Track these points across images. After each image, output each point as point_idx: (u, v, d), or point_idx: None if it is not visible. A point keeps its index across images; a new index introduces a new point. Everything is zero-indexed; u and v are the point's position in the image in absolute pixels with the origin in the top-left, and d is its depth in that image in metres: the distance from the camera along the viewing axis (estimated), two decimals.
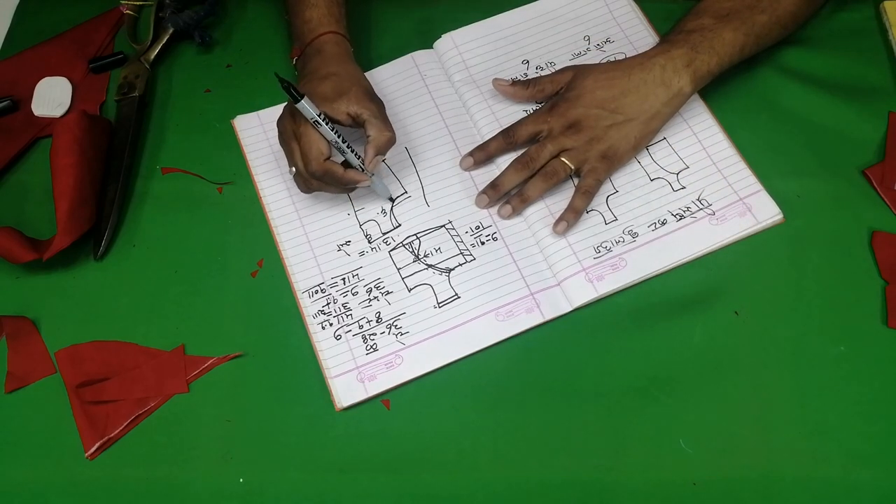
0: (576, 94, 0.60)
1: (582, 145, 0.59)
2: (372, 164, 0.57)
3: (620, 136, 0.59)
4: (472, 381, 0.55)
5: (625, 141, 0.59)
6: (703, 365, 0.55)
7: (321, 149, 0.56)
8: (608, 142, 0.59)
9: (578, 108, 0.59)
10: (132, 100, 0.68)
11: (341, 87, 0.57)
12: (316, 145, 0.56)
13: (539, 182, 0.60)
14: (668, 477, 0.51)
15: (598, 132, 0.59)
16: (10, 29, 0.75)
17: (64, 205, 0.59)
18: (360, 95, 0.57)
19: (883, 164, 0.61)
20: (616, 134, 0.59)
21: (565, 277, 0.58)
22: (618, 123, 0.59)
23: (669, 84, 0.59)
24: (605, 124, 0.59)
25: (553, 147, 0.60)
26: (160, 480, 0.53)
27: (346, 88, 0.57)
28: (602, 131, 0.59)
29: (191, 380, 0.56)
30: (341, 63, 0.60)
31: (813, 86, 0.65)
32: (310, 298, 0.59)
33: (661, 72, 0.59)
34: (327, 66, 0.60)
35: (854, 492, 0.50)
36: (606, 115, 0.59)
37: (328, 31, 0.62)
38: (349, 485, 0.52)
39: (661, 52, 0.60)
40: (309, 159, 0.56)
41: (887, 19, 0.67)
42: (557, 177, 0.60)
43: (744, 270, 0.58)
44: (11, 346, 0.58)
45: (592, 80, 0.60)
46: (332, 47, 0.62)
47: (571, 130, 0.59)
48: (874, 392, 0.53)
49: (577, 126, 0.59)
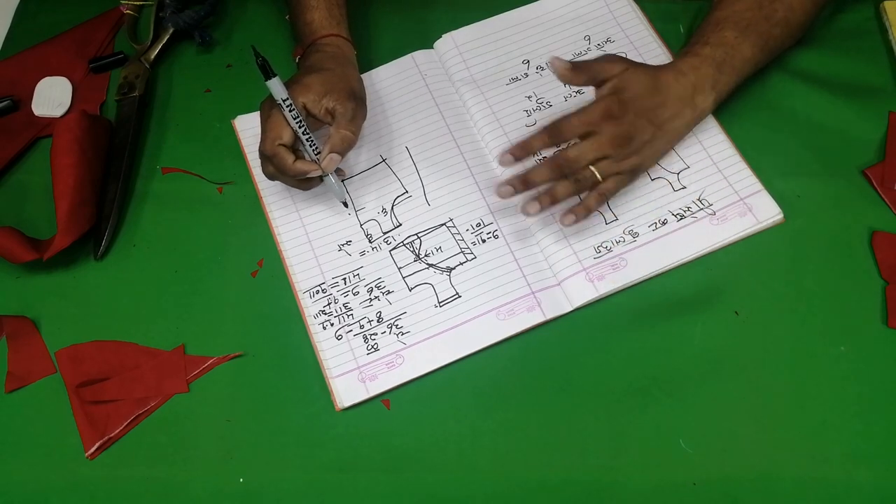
0: (629, 98, 0.56)
1: (620, 158, 0.57)
2: (325, 161, 0.57)
3: (651, 153, 0.59)
4: (472, 381, 0.55)
5: (651, 157, 0.60)
6: (703, 365, 0.55)
7: (279, 132, 0.56)
8: (641, 157, 0.58)
9: (630, 114, 0.56)
10: (132, 100, 0.68)
11: (329, 83, 0.58)
12: (276, 127, 0.56)
13: (570, 187, 0.57)
14: (668, 477, 0.51)
15: (637, 146, 0.57)
16: (10, 29, 0.75)
17: (64, 205, 0.59)
18: (344, 94, 0.58)
19: (883, 164, 0.61)
20: (649, 149, 0.58)
21: (566, 277, 0.58)
22: (655, 138, 0.58)
23: (696, 106, 0.59)
24: (645, 139, 0.57)
25: (595, 154, 0.56)
26: (160, 480, 0.53)
27: (333, 85, 0.58)
28: (640, 145, 0.57)
29: (191, 380, 0.56)
30: (337, 63, 0.61)
31: (813, 86, 0.65)
32: (310, 298, 0.59)
33: (692, 91, 0.58)
34: (324, 62, 0.60)
35: (854, 492, 0.50)
36: (647, 127, 0.57)
37: (329, 33, 0.63)
38: (349, 485, 0.52)
39: (691, 68, 0.59)
40: (265, 138, 0.57)
41: (887, 19, 0.67)
42: (586, 185, 0.57)
43: (744, 270, 0.58)
44: (11, 346, 0.58)
45: (637, 85, 0.56)
46: (332, 49, 0.62)
47: (620, 140, 0.56)
48: (874, 392, 0.53)
49: (627, 137, 0.56)
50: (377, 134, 0.66)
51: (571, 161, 0.56)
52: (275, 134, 0.56)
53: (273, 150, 0.56)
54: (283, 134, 0.56)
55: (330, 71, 0.59)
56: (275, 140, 0.56)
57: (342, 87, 0.58)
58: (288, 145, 0.57)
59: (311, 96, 0.57)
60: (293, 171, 0.57)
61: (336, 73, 0.59)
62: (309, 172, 0.57)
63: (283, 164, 0.56)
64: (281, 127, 0.56)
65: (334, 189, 0.60)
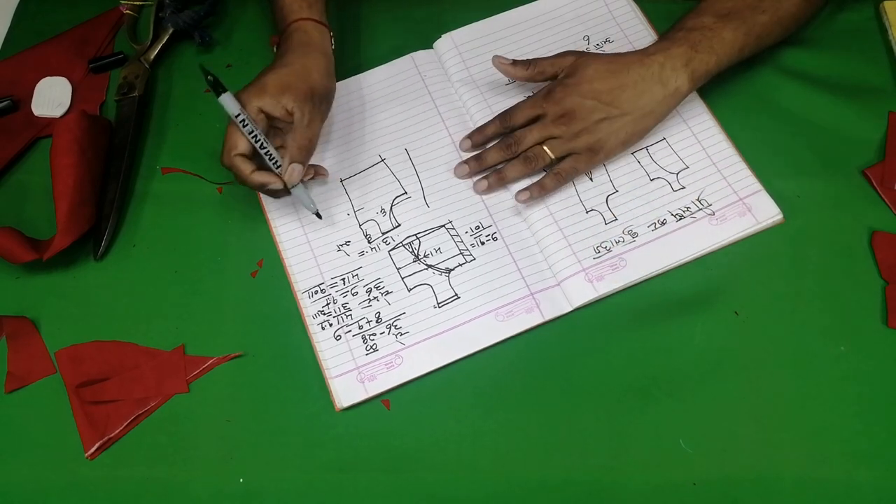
0: (574, 82, 0.59)
1: (569, 136, 0.59)
2: (287, 174, 0.56)
3: (611, 131, 0.59)
4: (472, 381, 0.55)
5: (614, 136, 0.59)
6: (703, 365, 0.55)
7: (235, 143, 0.56)
8: (597, 135, 0.59)
9: (574, 96, 0.59)
10: (132, 100, 0.68)
11: (286, 82, 0.57)
12: (232, 138, 0.56)
13: (518, 165, 0.61)
14: (668, 477, 0.51)
15: (588, 124, 0.59)
16: (10, 29, 0.75)
17: (64, 205, 0.59)
18: (301, 94, 0.57)
19: (883, 164, 0.61)
20: (607, 128, 0.59)
21: (565, 277, 0.58)
22: (611, 118, 0.59)
23: (666, 83, 0.59)
24: (598, 117, 0.59)
25: (539, 133, 0.60)
26: (160, 480, 0.53)
27: (291, 83, 0.57)
28: (593, 124, 0.59)
29: (191, 380, 0.56)
30: (301, 54, 0.60)
31: (813, 86, 0.65)
32: (309, 299, 0.59)
33: (659, 69, 0.59)
34: (285, 56, 0.60)
35: (854, 492, 0.50)
36: (600, 108, 0.58)
37: (298, 18, 0.62)
38: (349, 485, 0.52)
39: (660, 49, 0.60)
40: (223, 149, 0.57)
41: (887, 19, 0.67)
42: (536, 163, 0.60)
43: (744, 270, 0.58)
44: (11, 346, 0.58)
45: (592, 70, 0.59)
46: (300, 35, 0.61)
47: (563, 119, 0.59)
48: (874, 392, 0.53)
49: (569, 115, 0.59)
50: (376, 134, 0.66)
51: (517, 140, 0.61)
52: (230, 145, 0.56)
53: (229, 161, 0.56)
54: (239, 144, 0.56)
55: (288, 67, 0.58)
56: (230, 151, 0.56)
57: (300, 85, 0.57)
58: (246, 154, 0.56)
59: (266, 99, 0.56)
60: (251, 182, 0.56)
61: (296, 68, 0.58)
62: (269, 184, 0.56)
63: (241, 175, 0.56)
64: (237, 137, 0.56)
65: (303, 200, 0.59)
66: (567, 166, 0.60)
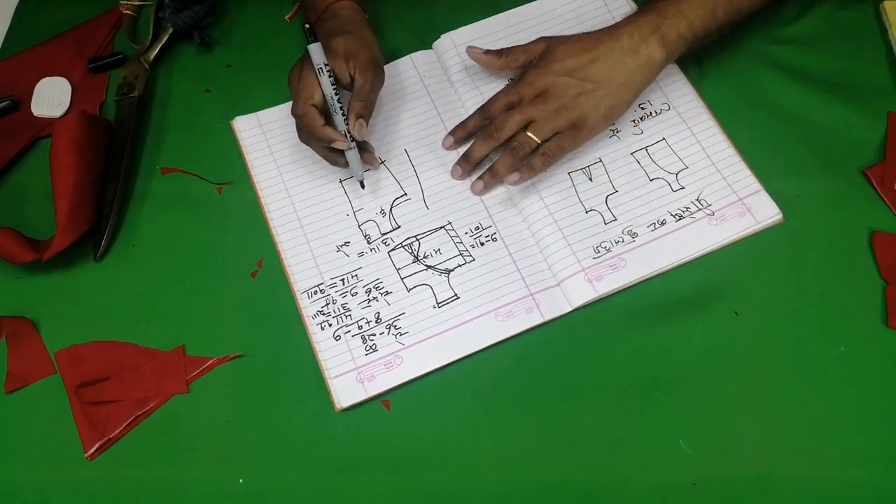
0: (545, 63, 0.60)
1: (549, 115, 0.59)
2: (355, 126, 0.58)
3: (590, 105, 0.59)
4: (471, 381, 0.55)
5: (594, 111, 0.59)
6: (703, 365, 0.55)
7: (311, 93, 0.58)
8: (577, 111, 0.59)
9: (548, 75, 0.59)
10: (132, 100, 0.68)
11: (352, 48, 0.59)
12: (308, 88, 0.58)
13: (506, 158, 0.60)
14: (668, 477, 0.51)
15: (566, 101, 0.59)
16: (9, 29, 0.75)
17: (64, 205, 0.59)
18: (364, 62, 0.59)
19: (883, 164, 0.61)
20: (585, 102, 0.59)
21: (565, 277, 0.58)
22: (587, 92, 0.59)
23: (637, 51, 0.59)
24: (575, 93, 0.59)
25: (520, 116, 0.60)
26: (160, 480, 0.53)
27: (356, 51, 0.59)
28: (571, 100, 0.59)
29: (191, 380, 0.56)
30: (357, 26, 0.62)
31: (813, 86, 0.65)
32: (309, 299, 0.59)
33: (628, 40, 0.59)
34: (344, 26, 0.61)
35: (854, 492, 0.50)
36: (575, 84, 0.59)
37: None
38: (349, 485, 0.52)
39: (628, 21, 0.60)
40: (297, 98, 0.58)
41: (887, 19, 0.67)
42: (523, 150, 0.60)
43: (744, 270, 0.58)
44: (11, 346, 0.58)
45: (563, 49, 0.60)
46: (347, 12, 0.63)
47: (540, 99, 0.59)
48: (874, 392, 0.53)
49: (545, 94, 0.59)
50: (376, 135, 0.66)
51: (497, 125, 0.60)
52: (306, 94, 0.58)
53: (304, 109, 0.58)
54: (315, 94, 0.58)
55: (352, 35, 0.60)
56: (307, 100, 0.58)
57: (364, 53, 0.60)
58: (318, 106, 0.58)
59: (338, 61, 0.58)
60: (321, 135, 0.58)
61: (357, 36, 0.60)
62: (335, 141, 0.58)
63: (313, 125, 0.58)
64: (313, 87, 0.58)
65: (354, 165, 0.60)
66: (553, 145, 0.60)
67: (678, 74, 0.66)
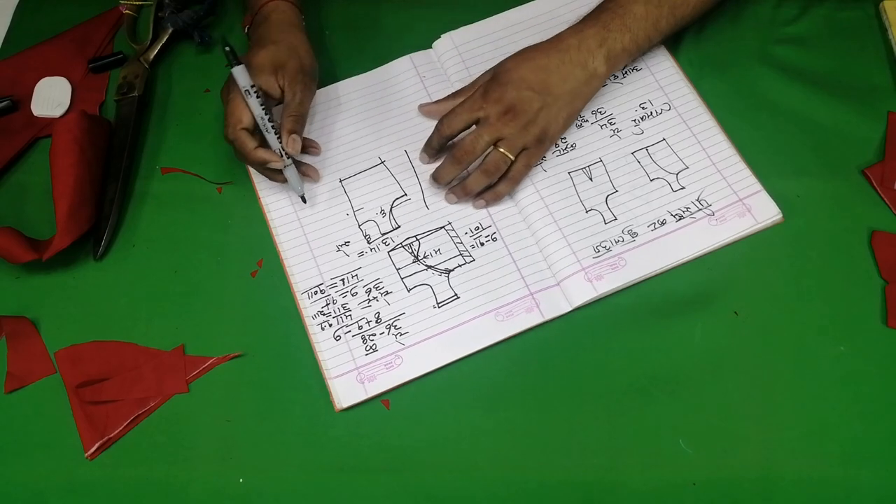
0: (504, 79, 0.59)
1: (518, 132, 0.58)
2: (289, 143, 0.57)
3: (550, 118, 0.59)
4: (471, 381, 0.55)
5: (554, 122, 0.60)
6: (703, 365, 0.55)
7: (240, 117, 0.57)
8: (541, 125, 0.59)
9: (511, 91, 0.58)
10: (132, 100, 0.68)
11: (279, 59, 0.59)
12: (236, 112, 0.57)
13: (481, 177, 0.60)
14: (668, 477, 0.51)
15: (531, 116, 0.58)
16: (9, 29, 0.75)
17: (64, 205, 0.59)
18: (293, 73, 0.58)
19: (883, 163, 0.61)
20: (546, 115, 0.59)
21: (565, 277, 0.58)
22: (547, 105, 0.59)
23: (585, 65, 0.59)
24: (537, 107, 0.58)
25: (490, 137, 0.59)
26: (160, 480, 0.53)
27: (283, 61, 0.59)
28: (535, 114, 0.59)
29: (191, 380, 0.56)
30: (286, 32, 0.61)
31: (813, 86, 0.65)
32: (309, 299, 0.59)
33: (576, 53, 0.59)
34: (271, 34, 0.60)
35: (854, 492, 0.50)
36: (536, 97, 0.58)
37: None
38: (349, 485, 0.52)
39: (574, 32, 0.60)
40: (227, 124, 0.57)
41: (887, 19, 0.67)
42: (498, 171, 0.59)
43: (744, 270, 0.58)
44: (11, 346, 0.58)
45: (513, 63, 0.59)
46: (278, 15, 0.62)
47: (508, 116, 0.58)
48: (874, 392, 0.53)
49: (512, 111, 0.58)
50: (376, 136, 0.66)
51: (467, 149, 0.59)
52: (235, 119, 0.57)
53: (234, 134, 0.57)
54: (244, 118, 0.57)
55: (277, 45, 0.59)
56: (236, 125, 0.57)
57: (292, 64, 0.59)
58: (249, 129, 0.57)
59: (264, 77, 0.58)
60: (254, 158, 0.57)
61: (284, 45, 0.59)
62: (270, 162, 0.57)
63: (245, 150, 0.57)
64: (241, 111, 0.57)
65: (293, 181, 0.60)
66: (520, 167, 0.60)
67: (678, 74, 0.66)
